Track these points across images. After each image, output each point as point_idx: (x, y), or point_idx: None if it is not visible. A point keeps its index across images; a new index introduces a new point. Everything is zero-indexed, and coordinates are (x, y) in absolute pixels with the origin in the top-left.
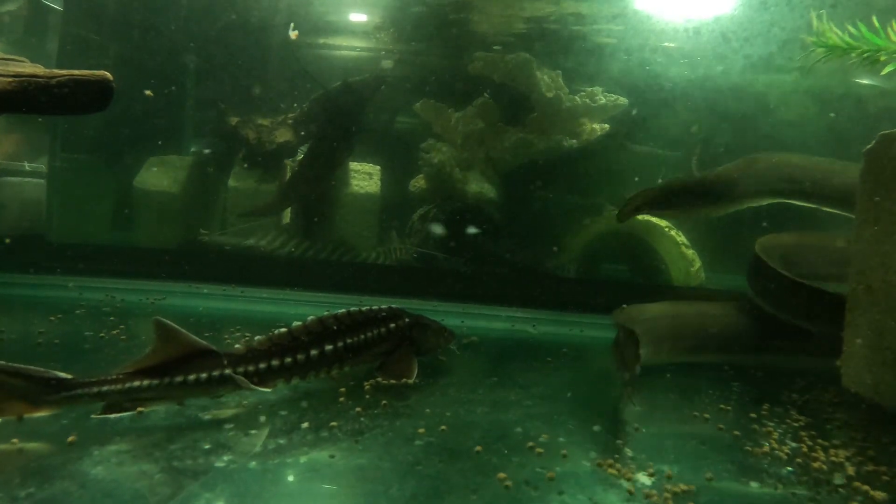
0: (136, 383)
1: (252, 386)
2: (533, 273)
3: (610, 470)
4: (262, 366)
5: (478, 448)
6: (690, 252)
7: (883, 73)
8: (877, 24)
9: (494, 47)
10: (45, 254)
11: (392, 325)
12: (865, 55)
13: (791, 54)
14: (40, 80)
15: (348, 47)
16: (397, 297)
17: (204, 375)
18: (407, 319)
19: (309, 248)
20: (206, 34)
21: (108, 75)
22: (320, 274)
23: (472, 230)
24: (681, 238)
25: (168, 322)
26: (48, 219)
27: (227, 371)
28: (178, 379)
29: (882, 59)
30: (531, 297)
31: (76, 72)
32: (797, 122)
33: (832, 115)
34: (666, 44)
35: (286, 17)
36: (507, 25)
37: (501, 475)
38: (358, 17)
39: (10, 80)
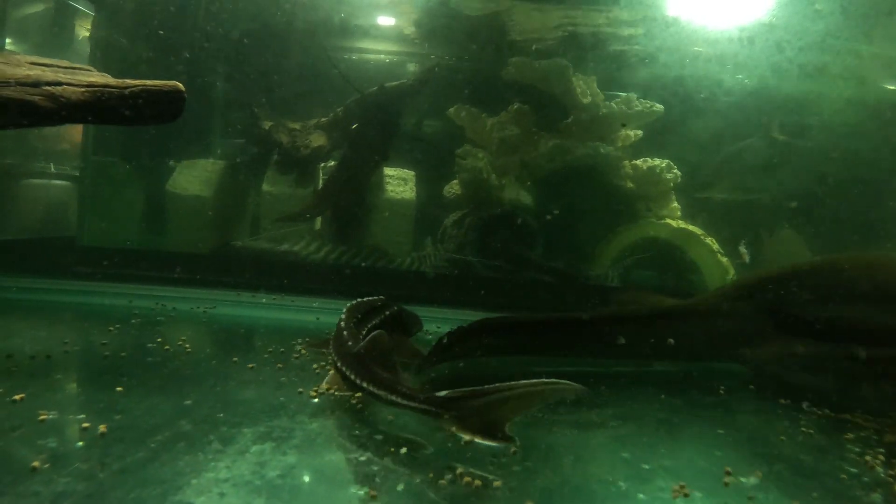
0: None
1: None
2: (570, 280)
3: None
4: None
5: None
6: (725, 260)
7: None
8: None
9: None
10: (77, 258)
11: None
12: None
13: None
14: (114, 90)
15: (384, 52)
16: (431, 306)
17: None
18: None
19: (343, 255)
20: (238, 37)
21: (180, 85)
22: (358, 282)
23: (507, 236)
24: (716, 246)
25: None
26: (79, 222)
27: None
28: None
29: None
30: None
31: (148, 82)
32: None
33: None
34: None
35: (320, 20)
36: (541, 31)
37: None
38: (389, 22)
39: (82, 89)
